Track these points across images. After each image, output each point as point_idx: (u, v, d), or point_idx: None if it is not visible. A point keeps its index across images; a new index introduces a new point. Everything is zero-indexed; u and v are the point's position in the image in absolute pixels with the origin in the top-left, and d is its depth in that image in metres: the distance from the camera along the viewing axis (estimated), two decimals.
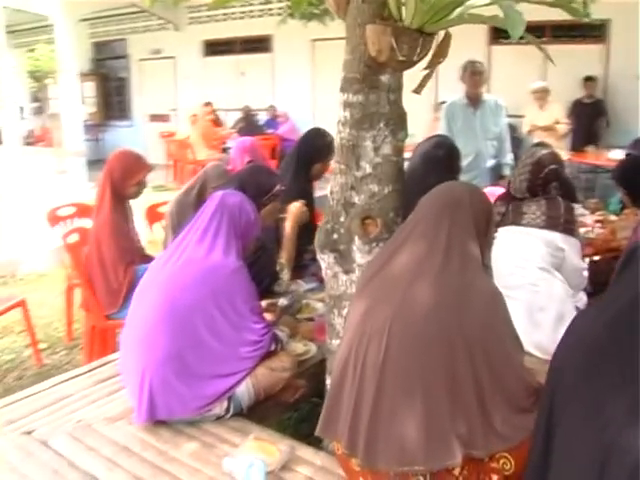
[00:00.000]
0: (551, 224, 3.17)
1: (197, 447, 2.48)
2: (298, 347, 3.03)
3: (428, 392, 1.88)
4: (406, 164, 3.64)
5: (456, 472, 1.92)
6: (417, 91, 2.35)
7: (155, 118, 15.25)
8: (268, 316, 3.02)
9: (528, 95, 8.96)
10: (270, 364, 2.68)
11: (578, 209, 4.64)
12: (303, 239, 3.59)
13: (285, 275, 3.41)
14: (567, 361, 1.81)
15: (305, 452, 2.41)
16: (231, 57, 13.98)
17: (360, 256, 2.36)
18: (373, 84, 2.28)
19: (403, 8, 2.18)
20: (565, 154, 8.60)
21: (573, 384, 1.75)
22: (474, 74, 5.55)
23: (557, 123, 8.76)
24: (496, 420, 1.91)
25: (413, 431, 1.87)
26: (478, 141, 5.62)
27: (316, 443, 2.51)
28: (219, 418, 2.62)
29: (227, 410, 2.60)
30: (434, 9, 2.07)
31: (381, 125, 2.30)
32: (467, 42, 9.89)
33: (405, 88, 2.41)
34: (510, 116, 9.49)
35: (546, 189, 3.26)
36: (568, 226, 3.20)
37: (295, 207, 3.68)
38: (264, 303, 3.16)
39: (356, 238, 2.34)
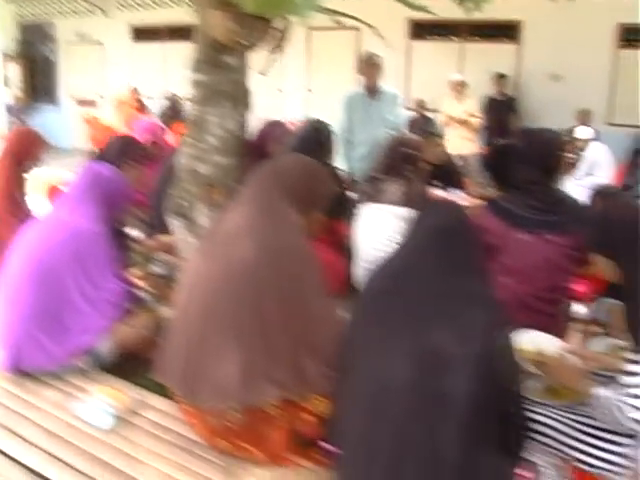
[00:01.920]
0: (405, 201, 3.45)
1: (57, 396, 2.69)
2: (166, 311, 3.24)
3: (244, 340, 2.12)
4: None
5: (272, 411, 2.18)
6: (263, 73, 2.59)
7: (83, 103, 15.12)
8: (141, 283, 3.24)
9: (446, 89, 9.28)
10: (130, 322, 2.91)
11: (457, 192, 5.00)
12: None
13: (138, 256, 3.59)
14: (359, 311, 2.07)
15: (154, 400, 2.65)
16: (159, 44, 13.99)
17: (205, 220, 2.59)
18: (219, 65, 2.51)
19: None
20: (477, 147, 8.99)
21: (363, 331, 2.01)
22: (370, 66, 5.80)
23: (471, 117, 9.09)
24: (310, 370, 2.16)
25: (231, 373, 2.11)
26: (375, 130, 5.87)
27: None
28: (83, 371, 2.82)
29: (89, 363, 2.81)
30: None
31: (226, 102, 2.53)
32: (387, 37, 10.25)
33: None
34: (429, 110, 9.89)
35: (401, 171, 3.54)
36: (421, 204, 3.48)
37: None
38: (139, 271, 3.37)
39: (201, 204, 2.57)
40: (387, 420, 1.81)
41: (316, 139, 3.80)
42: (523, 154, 3.15)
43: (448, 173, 5.31)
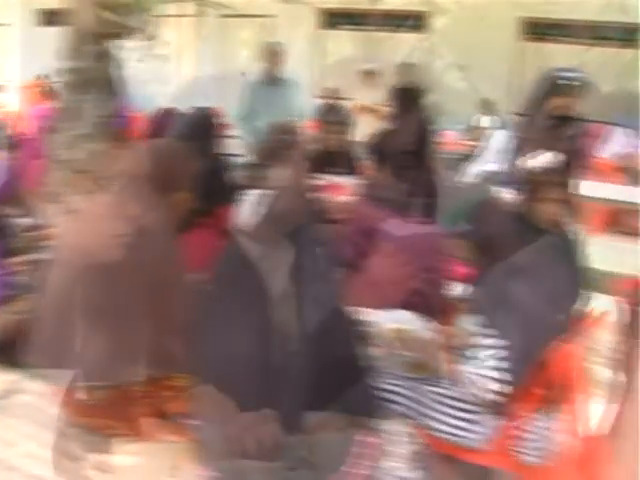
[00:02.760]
0: (283, 187, 3.53)
1: None
2: None
3: (107, 320, 2.18)
4: None
5: (137, 389, 2.25)
6: (140, 61, 2.64)
7: None
8: (22, 269, 3.23)
9: (356, 77, 9.38)
10: (10, 308, 2.92)
11: (351, 178, 5.09)
12: None
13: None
14: (212, 289, 2.18)
15: (28, 383, 2.67)
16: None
17: (77, 205, 2.63)
18: (89, 53, 2.55)
19: None
20: None
21: (213, 308, 2.11)
22: (270, 54, 5.88)
23: (379, 105, 9.21)
24: (172, 348, 2.23)
25: (95, 353, 2.17)
26: (276, 118, 5.93)
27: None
28: None
29: None
30: None
31: (97, 89, 2.57)
32: (296, 26, 10.31)
33: None
34: (338, 98, 9.98)
35: (281, 157, 3.62)
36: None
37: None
38: (20, 259, 3.36)
39: (72, 190, 2.61)
40: (233, 394, 1.92)
41: (201, 126, 3.85)
42: (398, 141, 3.28)
43: (346, 160, 5.41)
